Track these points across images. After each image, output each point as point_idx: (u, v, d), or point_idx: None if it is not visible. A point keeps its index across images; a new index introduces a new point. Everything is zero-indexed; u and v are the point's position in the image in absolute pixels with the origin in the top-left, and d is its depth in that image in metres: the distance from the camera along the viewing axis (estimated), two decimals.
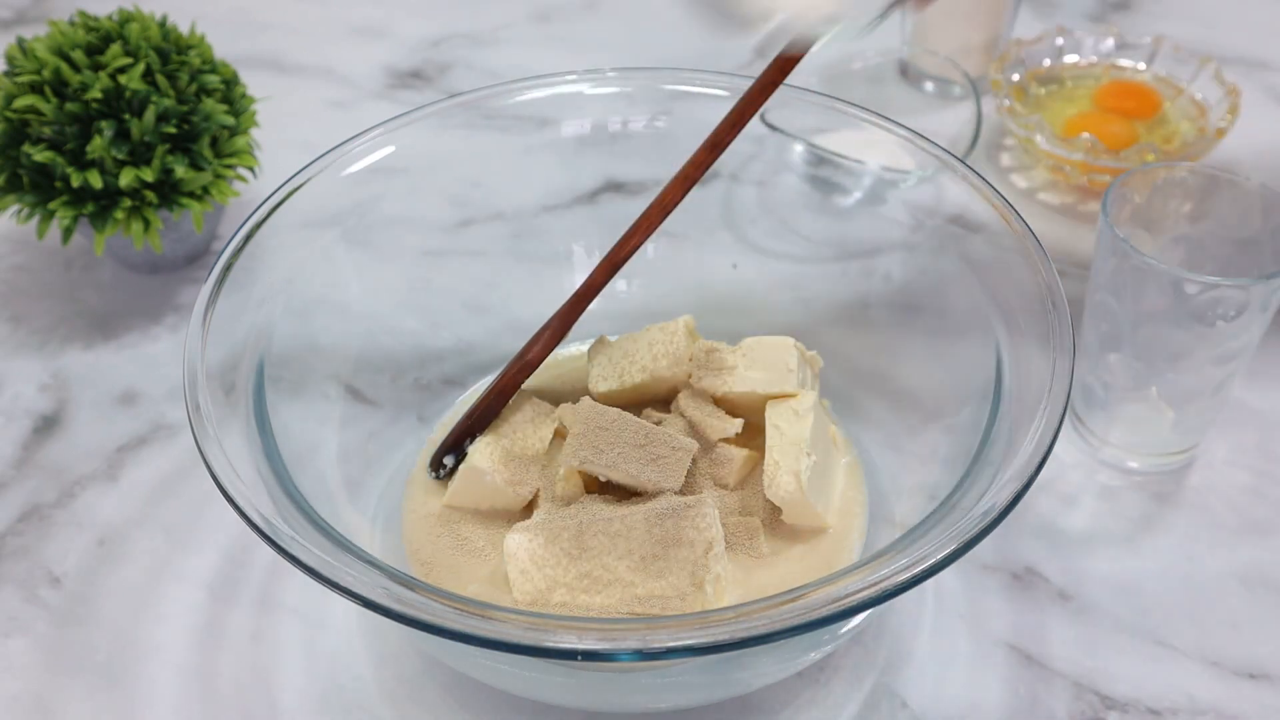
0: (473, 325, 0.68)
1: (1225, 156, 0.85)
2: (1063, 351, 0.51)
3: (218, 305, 0.54)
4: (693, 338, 0.62)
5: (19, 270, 0.79)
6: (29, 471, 0.67)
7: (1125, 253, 0.59)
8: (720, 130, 0.56)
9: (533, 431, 0.60)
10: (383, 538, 0.58)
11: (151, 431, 0.69)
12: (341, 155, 0.62)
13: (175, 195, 0.71)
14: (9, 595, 0.61)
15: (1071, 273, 0.75)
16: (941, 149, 0.60)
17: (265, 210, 0.58)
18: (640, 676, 0.52)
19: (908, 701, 0.56)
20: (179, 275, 0.78)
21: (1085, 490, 0.65)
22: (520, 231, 0.70)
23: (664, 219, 0.57)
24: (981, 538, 0.45)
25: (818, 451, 0.57)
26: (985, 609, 0.60)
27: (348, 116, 0.92)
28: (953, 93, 0.91)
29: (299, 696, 0.57)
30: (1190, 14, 1.00)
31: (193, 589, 0.61)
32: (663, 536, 0.53)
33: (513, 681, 0.53)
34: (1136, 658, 0.58)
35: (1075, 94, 0.87)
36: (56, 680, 0.58)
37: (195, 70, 0.73)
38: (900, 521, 0.57)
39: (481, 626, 0.43)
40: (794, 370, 0.59)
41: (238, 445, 0.50)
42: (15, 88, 0.70)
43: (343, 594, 0.44)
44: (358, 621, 0.60)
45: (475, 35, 1.00)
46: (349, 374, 0.63)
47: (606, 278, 0.58)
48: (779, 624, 0.43)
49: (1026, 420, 0.50)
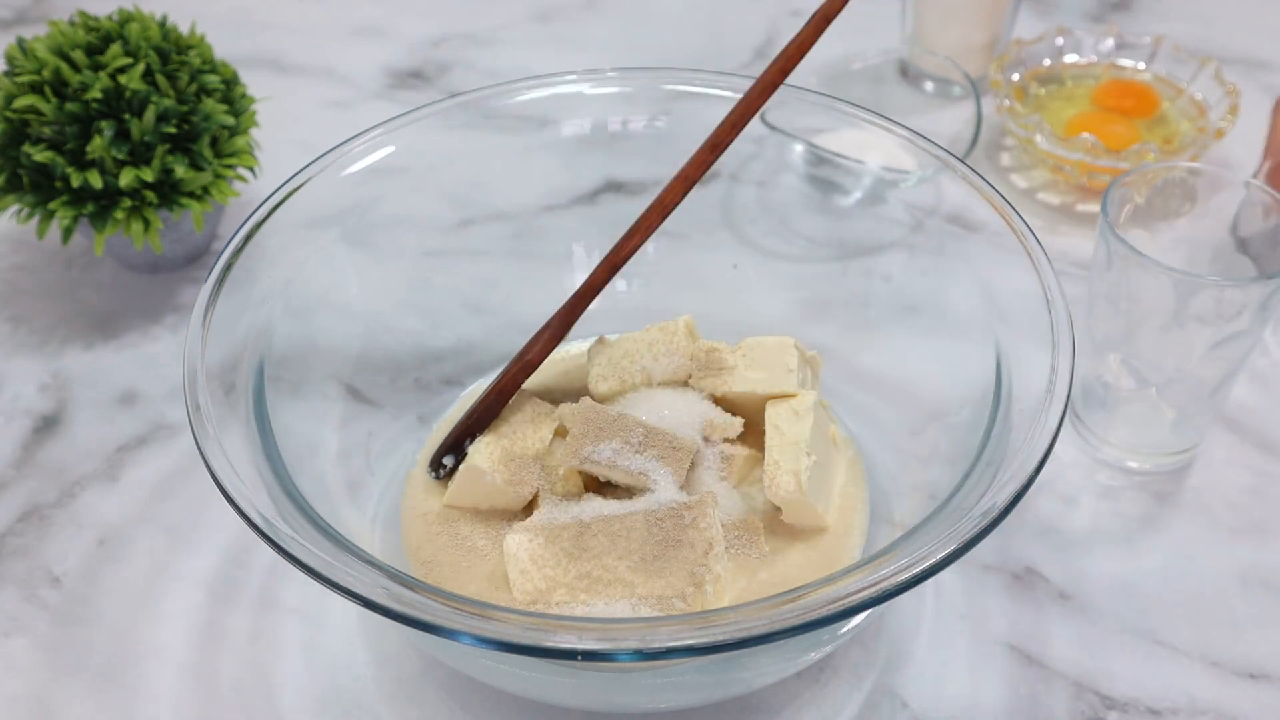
0: (473, 325, 0.68)
1: (1225, 156, 0.85)
2: (1063, 351, 0.51)
3: (218, 305, 0.54)
4: (693, 338, 0.62)
5: (19, 270, 0.79)
6: (29, 471, 0.67)
7: (1125, 253, 0.59)
8: (720, 131, 0.56)
9: (533, 431, 0.60)
10: (383, 538, 0.58)
11: (151, 431, 0.69)
12: (341, 155, 0.62)
13: (175, 195, 0.71)
14: (9, 595, 0.61)
15: (1071, 273, 0.75)
16: (941, 149, 0.60)
17: (265, 210, 0.58)
18: (640, 676, 0.52)
19: (908, 701, 0.56)
20: (179, 275, 0.78)
21: (1085, 490, 0.65)
22: (520, 231, 0.70)
23: (664, 219, 0.57)
24: (981, 538, 0.45)
25: (818, 451, 0.57)
26: (985, 609, 0.60)
27: (348, 116, 0.91)
28: (953, 93, 0.91)
29: (299, 696, 0.57)
30: (1190, 14, 1.00)
31: (193, 589, 0.61)
32: (663, 536, 0.53)
33: (513, 681, 0.53)
34: (1136, 658, 0.58)
35: (1075, 94, 0.87)
36: (56, 680, 0.58)
37: (195, 70, 0.73)
38: (900, 521, 0.57)
39: (481, 626, 0.43)
40: (794, 370, 0.59)
41: (238, 445, 0.50)
42: (15, 88, 0.70)
43: (343, 594, 0.44)
44: (358, 621, 0.60)
45: (475, 35, 1.00)
46: (349, 374, 0.63)
47: (607, 278, 0.58)
48: (779, 624, 0.43)
49: (1026, 420, 0.50)
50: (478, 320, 0.68)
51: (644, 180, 0.69)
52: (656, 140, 0.67)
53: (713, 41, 0.98)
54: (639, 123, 0.67)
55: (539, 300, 0.61)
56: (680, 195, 0.56)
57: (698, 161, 0.56)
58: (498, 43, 0.99)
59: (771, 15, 1.00)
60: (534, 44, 0.99)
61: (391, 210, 0.64)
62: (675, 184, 0.56)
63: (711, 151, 0.56)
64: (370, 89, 0.94)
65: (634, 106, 0.67)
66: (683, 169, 0.56)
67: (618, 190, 0.70)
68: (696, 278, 0.69)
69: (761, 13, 1.01)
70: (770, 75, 0.55)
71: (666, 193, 0.57)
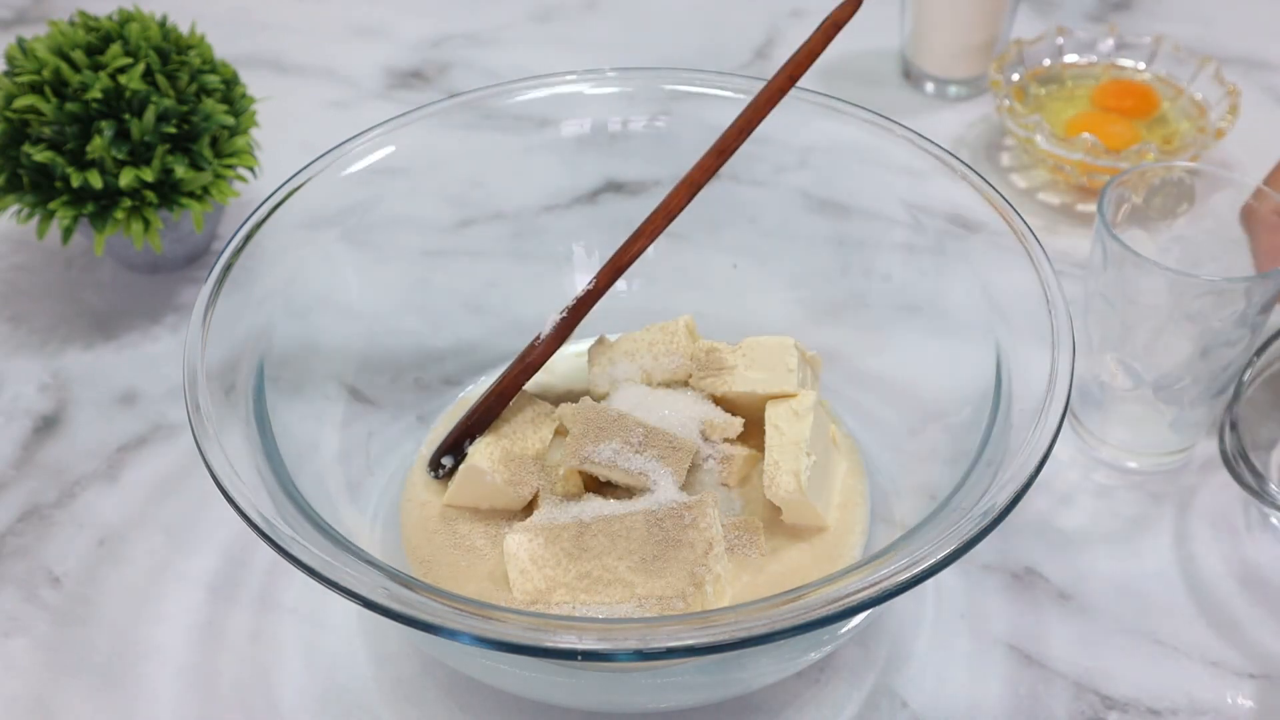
0: (473, 325, 0.68)
1: (1225, 156, 0.85)
2: (1063, 351, 0.51)
3: (218, 305, 0.54)
4: (693, 338, 0.62)
5: (19, 270, 0.79)
6: (29, 471, 0.67)
7: (1121, 252, 0.59)
8: (727, 136, 0.55)
9: (533, 431, 0.60)
10: (382, 537, 0.58)
11: (151, 431, 0.69)
12: (341, 155, 0.62)
13: (175, 195, 0.71)
14: (9, 595, 0.61)
15: (1071, 273, 0.75)
16: (942, 149, 0.60)
17: (265, 210, 0.58)
18: (640, 676, 0.52)
19: (908, 701, 0.56)
20: (179, 275, 0.78)
21: (1084, 490, 0.65)
22: (520, 231, 0.70)
23: (668, 224, 0.57)
24: (981, 538, 0.45)
25: (817, 451, 0.57)
26: (985, 609, 0.60)
27: (348, 116, 0.91)
28: (952, 93, 0.91)
29: (299, 696, 0.57)
30: (1190, 14, 1.00)
31: (193, 589, 0.61)
32: (663, 537, 0.53)
33: (513, 681, 0.53)
34: (1136, 658, 0.58)
35: (1075, 94, 0.87)
36: (56, 680, 0.58)
37: (195, 70, 0.73)
38: (900, 521, 0.57)
39: (481, 626, 0.43)
40: (794, 370, 0.59)
41: (238, 445, 0.50)
42: (15, 88, 0.70)
43: (343, 594, 0.44)
44: (358, 621, 0.60)
45: (475, 35, 1.00)
46: (349, 374, 0.63)
47: (610, 282, 0.58)
48: (779, 624, 0.43)
49: (1026, 420, 0.50)
50: (478, 320, 0.68)
51: (644, 180, 0.69)
52: (656, 140, 0.67)
53: (713, 41, 0.98)
54: (639, 123, 0.67)
55: (539, 300, 0.61)
56: (686, 200, 0.56)
57: (703, 167, 0.56)
58: (498, 43, 0.99)
59: (771, 15, 1.00)
60: (534, 44, 0.99)
61: (391, 210, 0.64)
62: (681, 189, 0.56)
63: (718, 157, 0.56)
64: (370, 89, 0.94)
65: (634, 106, 0.67)
66: (688, 174, 0.56)
67: (618, 190, 0.70)
68: (696, 278, 0.69)
69: (761, 13, 1.01)
70: (779, 82, 0.54)
71: (672, 197, 0.56)
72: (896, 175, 0.64)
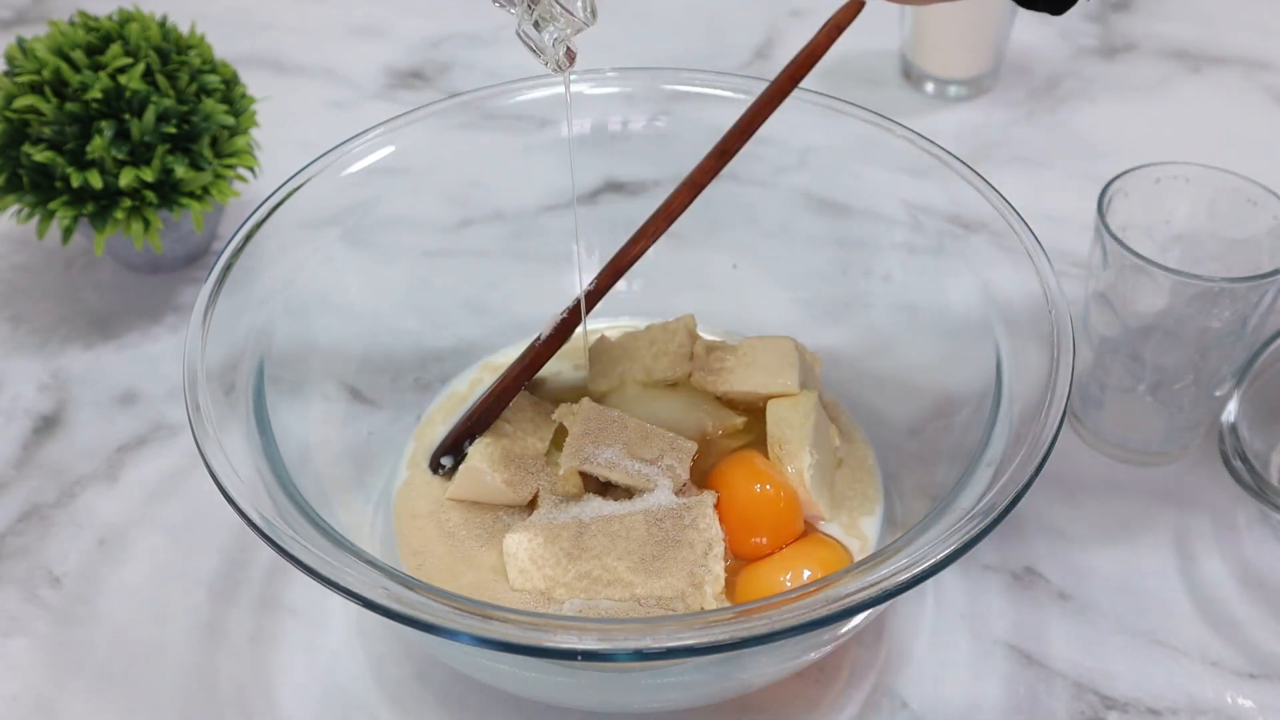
0: (473, 325, 0.68)
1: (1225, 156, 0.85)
2: (1063, 351, 0.51)
3: (218, 305, 0.54)
4: (693, 337, 0.62)
5: (19, 270, 0.79)
6: (29, 471, 0.67)
7: (1121, 252, 0.59)
8: (729, 138, 0.55)
9: (533, 431, 0.60)
10: (382, 537, 0.58)
11: (151, 431, 0.69)
12: (341, 155, 0.62)
13: (175, 195, 0.71)
14: (9, 595, 0.61)
15: (1071, 273, 0.75)
16: (942, 149, 0.60)
17: (265, 210, 0.58)
18: (640, 676, 0.52)
19: (908, 701, 0.56)
20: (179, 275, 0.78)
21: (1084, 490, 0.65)
22: (520, 231, 0.70)
23: (670, 225, 0.57)
24: (981, 538, 0.45)
25: (818, 451, 0.57)
26: (985, 609, 0.60)
27: (348, 116, 0.91)
28: (952, 93, 0.91)
29: (299, 696, 0.57)
30: (1190, 14, 1.00)
31: (193, 589, 0.61)
32: (663, 537, 0.53)
33: (513, 681, 0.53)
34: (1136, 658, 0.58)
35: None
36: (56, 680, 0.58)
37: (195, 70, 0.73)
38: (900, 521, 0.57)
39: (481, 626, 0.43)
40: (794, 370, 0.59)
41: (238, 445, 0.50)
42: (15, 88, 0.70)
43: (343, 594, 0.44)
44: (358, 621, 0.60)
45: (475, 35, 1.00)
46: (349, 374, 0.63)
47: (610, 282, 0.58)
48: (779, 624, 0.43)
49: (1026, 420, 0.50)
50: (478, 320, 0.68)
51: (644, 180, 0.69)
52: (656, 140, 0.67)
53: (713, 41, 0.98)
54: (639, 123, 0.67)
55: (539, 300, 0.61)
56: (687, 202, 0.56)
57: (705, 168, 0.56)
58: (498, 43, 0.99)
59: (771, 15, 1.00)
60: None
61: (391, 210, 0.64)
62: (683, 190, 0.56)
63: (719, 158, 0.55)
64: (370, 89, 0.94)
65: (634, 106, 0.67)
66: (690, 175, 0.56)
67: (618, 190, 0.70)
68: (696, 278, 0.69)
69: (761, 13, 1.01)
70: (781, 84, 0.54)
71: (673, 199, 0.56)
72: (896, 175, 0.64)
